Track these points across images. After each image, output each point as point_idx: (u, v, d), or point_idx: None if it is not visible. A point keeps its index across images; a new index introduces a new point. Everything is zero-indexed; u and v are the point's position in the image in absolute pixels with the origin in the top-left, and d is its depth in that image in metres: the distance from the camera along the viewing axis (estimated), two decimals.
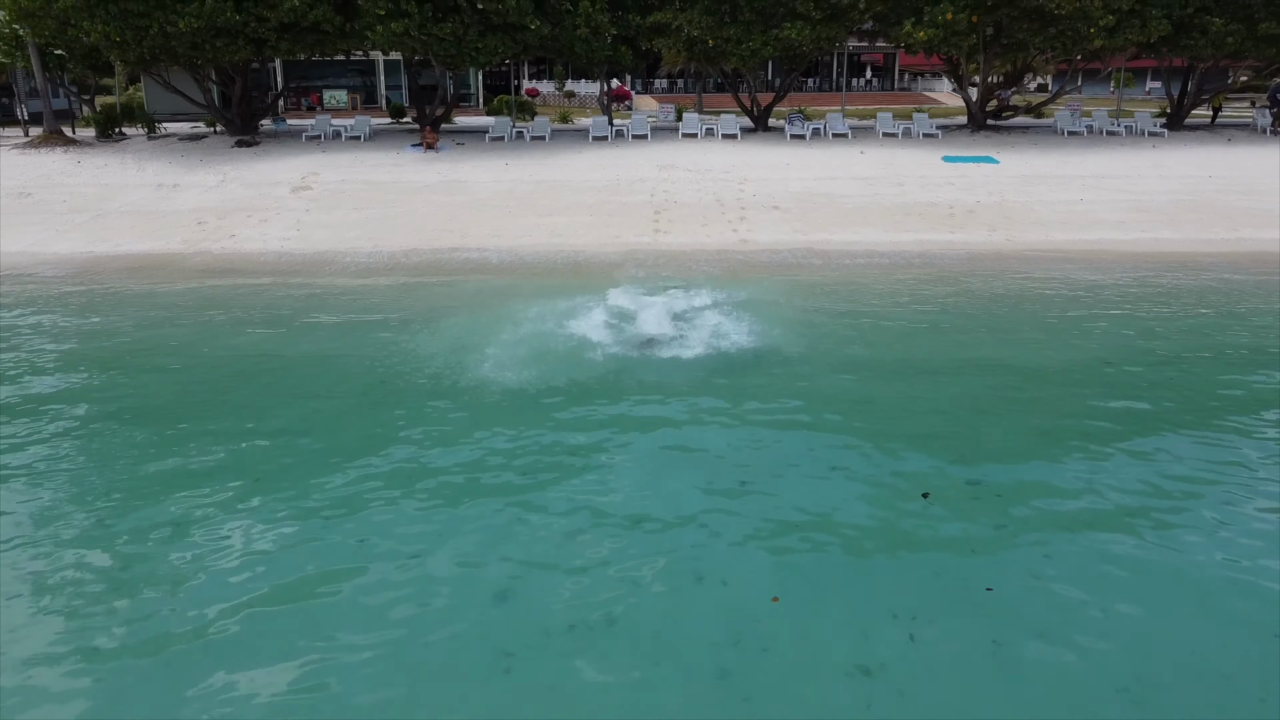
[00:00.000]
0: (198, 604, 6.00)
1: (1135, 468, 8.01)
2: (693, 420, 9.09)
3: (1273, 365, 10.99)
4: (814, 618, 5.90)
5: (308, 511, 7.23)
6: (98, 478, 7.95)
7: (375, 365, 10.83)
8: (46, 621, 5.88)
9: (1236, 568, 6.41)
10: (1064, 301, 14.15)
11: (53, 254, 18.09)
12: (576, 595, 6.11)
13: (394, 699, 5.18)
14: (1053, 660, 5.42)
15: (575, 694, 5.21)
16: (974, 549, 6.67)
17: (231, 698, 5.16)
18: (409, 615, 5.91)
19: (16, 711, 5.06)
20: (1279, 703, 5.05)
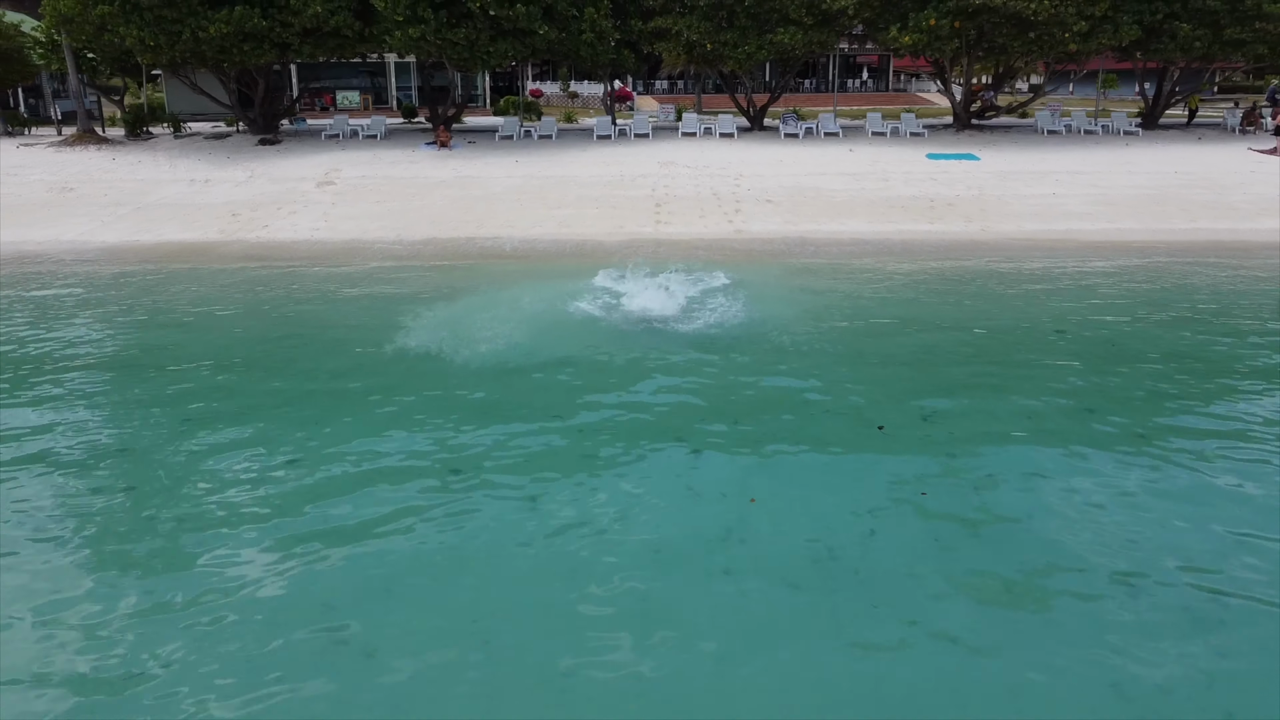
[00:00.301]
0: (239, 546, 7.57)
1: (1067, 403, 9.59)
2: (688, 370, 10.66)
3: (1198, 327, 12.60)
4: (786, 516, 7.43)
5: (355, 455, 8.81)
6: (172, 415, 9.53)
7: (406, 332, 12.41)
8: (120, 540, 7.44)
9: (1134, 466, 7.96)
10: (1025, 280, 15.74)
11: (101, 242, 19.65)
12: (591, 498, 7.66)
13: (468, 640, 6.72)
14: (982, 548, 6.91)
15: (597, 564, 6.73)
16: (920, 466, 8.21)
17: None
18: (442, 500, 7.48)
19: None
20: (1159, 564, 6.59)
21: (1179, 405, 9.71)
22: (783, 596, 6.23)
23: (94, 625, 5.91)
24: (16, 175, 24.98)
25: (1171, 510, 7.32)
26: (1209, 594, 6.17)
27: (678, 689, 5.34)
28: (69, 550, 6.88)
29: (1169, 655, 5.55)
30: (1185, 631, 5.78)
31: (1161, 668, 5.44)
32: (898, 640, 5.75)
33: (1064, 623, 5.90)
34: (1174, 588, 6.26)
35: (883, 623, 5.92)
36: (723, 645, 5.69)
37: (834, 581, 6.40)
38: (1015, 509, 7.40)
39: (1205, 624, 5.85)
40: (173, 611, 6.04)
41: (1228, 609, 6.00)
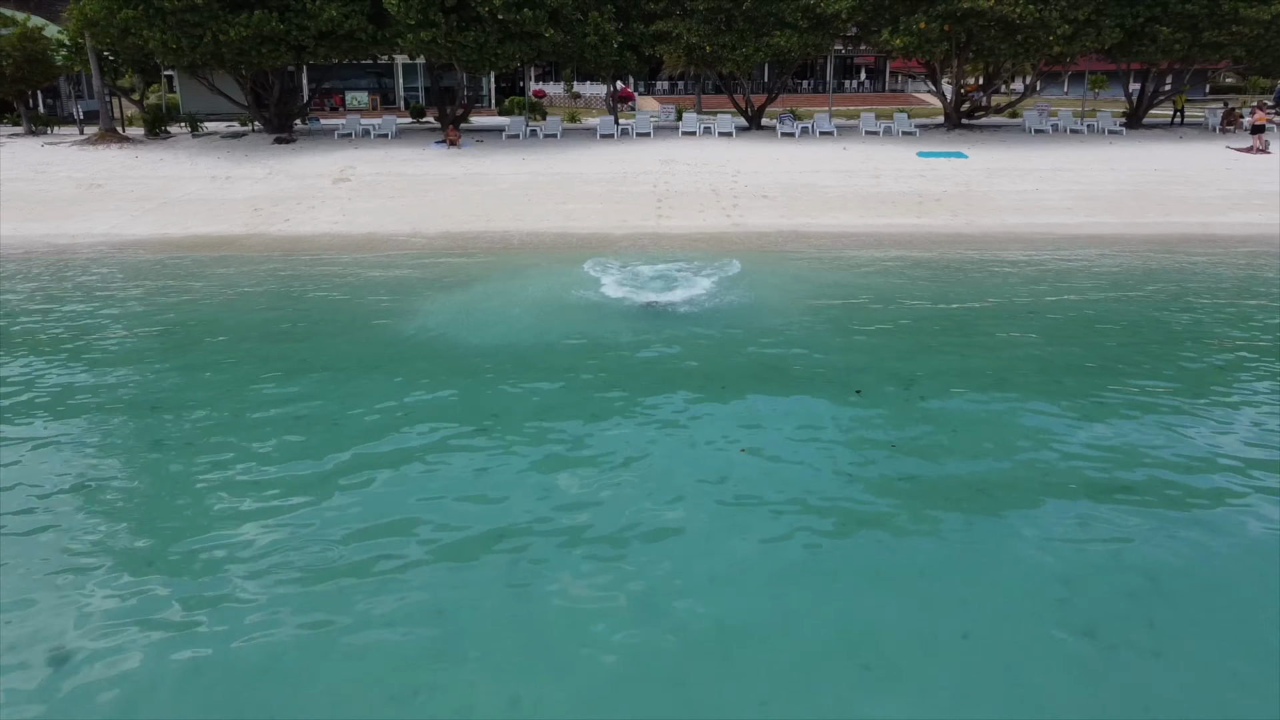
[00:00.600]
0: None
1: (1030, 370, 10.72)
2: (685, 342, 11.80)
3: (1156, 307, 13.74)
4: (772, 463, 8.54)
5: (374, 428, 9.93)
6: (207, 383, 10.66)
7: (428, 312, 13.54)
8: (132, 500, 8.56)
9: (1088, 417, 9.08)
10: (1003, 268, 16.87)
11: (133, 235, 20.77)
12: (607, 441, 8.77)
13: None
14: (952, 485, 8.02)
15: (610, 497, 7.83)
16: (894, 422, 9.33)
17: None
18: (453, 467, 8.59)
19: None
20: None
21: (1131, 369, 10.85)
22: (768, 524, 7.32)
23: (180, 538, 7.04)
24: (45, 172, 26.11)
25: (1115, 446, 8.47)
26: (1136, 507, 7.30)
27: (680, 583, 6.44)
28: (127, 479, 8.00)
29: (1104, 558, 6.68)
30: (1115, 538, 6.90)
31: (1100, 573, 6.56)
32: (865, 559, 6.87)
33: (1013, 538, 7.01)
34: (1109, 504, 7.37)
35: (853, 546, 7.04)
36: (716, 559, 6.80)
37: (811, 515, 7.49)
38: (977, 455, 8.52)
39: (1126, 528, 6.97)
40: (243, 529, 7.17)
41: (1145, 514, 7.13)
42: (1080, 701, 5.25)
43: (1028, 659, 5.61)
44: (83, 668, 5.56)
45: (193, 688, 5.40)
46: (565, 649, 5.75)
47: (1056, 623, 5.94)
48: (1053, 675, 5.46)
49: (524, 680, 5.47)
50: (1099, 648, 5.67)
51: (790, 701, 5.28)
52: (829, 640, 5.83)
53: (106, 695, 5.34)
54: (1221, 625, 5.95)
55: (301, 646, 5.77)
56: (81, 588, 6.40)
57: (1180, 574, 6.51)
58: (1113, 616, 5.99)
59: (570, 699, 5.31)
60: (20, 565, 6.71)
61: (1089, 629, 5.85)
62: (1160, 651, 5.67)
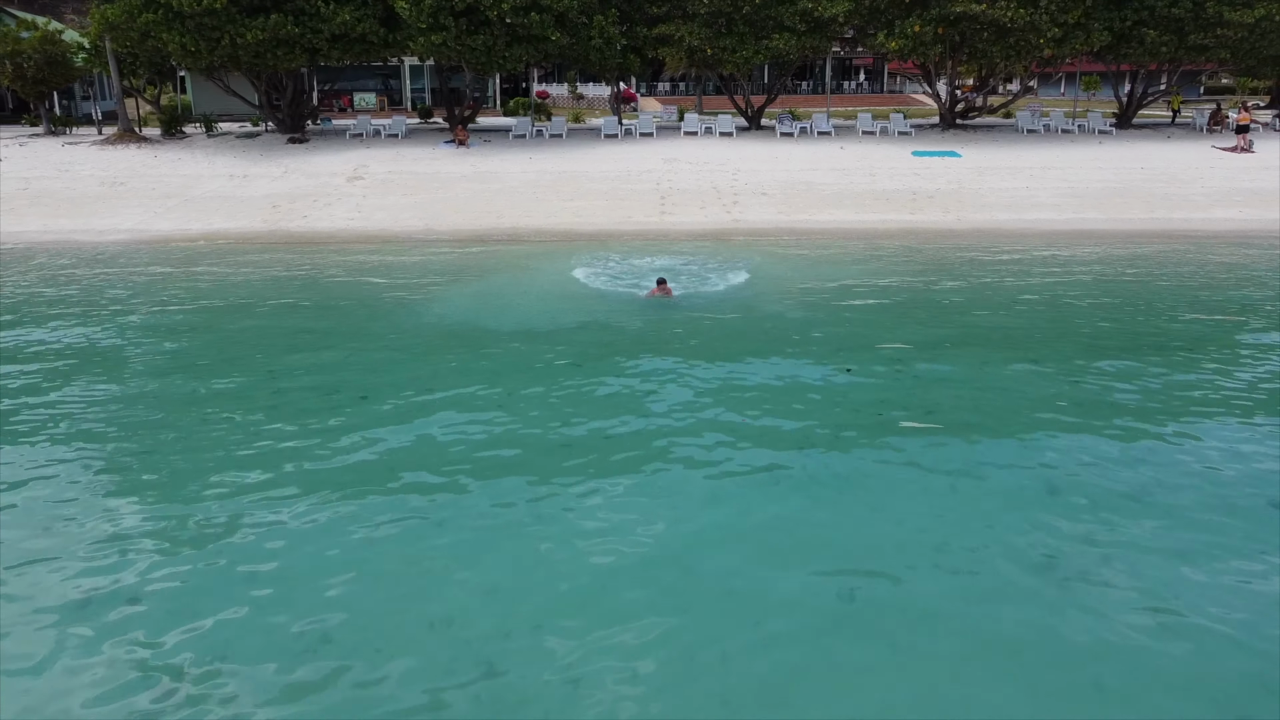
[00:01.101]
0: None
1: (1009, 349, 11.63)
2: (686, 325, 12.70)
3: (1131, 295, 14.67)
4: (770, 424, 9.43)
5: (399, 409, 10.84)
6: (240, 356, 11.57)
7: (448, 300, 14.44)
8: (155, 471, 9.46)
9: (1062, 382, 9.99)
10: (992, 260, 17.81)
11: (157, 230, 21.68)
12: (614, 419, 9.67)
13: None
14: (933, 444, 8.93)
15: (626, 452, 8.73)
16: (880, 393, 10.24)
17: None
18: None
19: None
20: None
21: (1100, 345, 11.77)
22: (767, 480, 8.20)
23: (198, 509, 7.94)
24: (69, 170, 27.01)
25: (1079, 414, 9.39)
26: (1088, 465, 8.21)
27: (691, 521, 7.34)
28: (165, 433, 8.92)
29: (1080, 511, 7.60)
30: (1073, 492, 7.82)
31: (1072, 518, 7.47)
32: (851, 502, 7.77)
33: (986, 487, 7.92)
34: (1069, 461, 8.29)
35: (840, 492, 7.94)
36: (721, 503, 7.70)
37: (805, 472, 8.38)
38: (959, 419, 9.43)
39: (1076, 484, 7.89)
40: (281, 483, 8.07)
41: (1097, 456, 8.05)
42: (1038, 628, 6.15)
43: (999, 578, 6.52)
44: (161, 603, 6.47)
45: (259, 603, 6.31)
46: (579, 567, 6.64)
47: (1022, 551, 6.85)
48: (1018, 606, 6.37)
49: (545, 599, 6.37)
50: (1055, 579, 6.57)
51: (781, 615, 6.18)
52: (813, 553, 6.74)
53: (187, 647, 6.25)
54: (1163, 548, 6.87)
55: (350, 567, 6.68)
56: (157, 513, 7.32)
57: (1126, 498, 7.44)
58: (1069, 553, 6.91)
59: (582, 616, 6.19)
60: (80, 511, 7.62)
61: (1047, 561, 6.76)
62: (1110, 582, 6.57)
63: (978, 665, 5.67)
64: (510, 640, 5.93)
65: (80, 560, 6.82)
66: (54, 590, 6.47)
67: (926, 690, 5.48)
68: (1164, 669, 5.61)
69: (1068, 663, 5.67)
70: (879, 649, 5.82)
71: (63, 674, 5.62)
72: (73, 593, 6.42)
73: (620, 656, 5.73)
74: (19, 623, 6.10)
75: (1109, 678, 5.52)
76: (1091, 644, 5.82)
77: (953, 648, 5.81)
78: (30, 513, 7.56)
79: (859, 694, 5.46)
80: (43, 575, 6.66)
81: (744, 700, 5.39)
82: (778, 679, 5.57)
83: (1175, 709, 5.31)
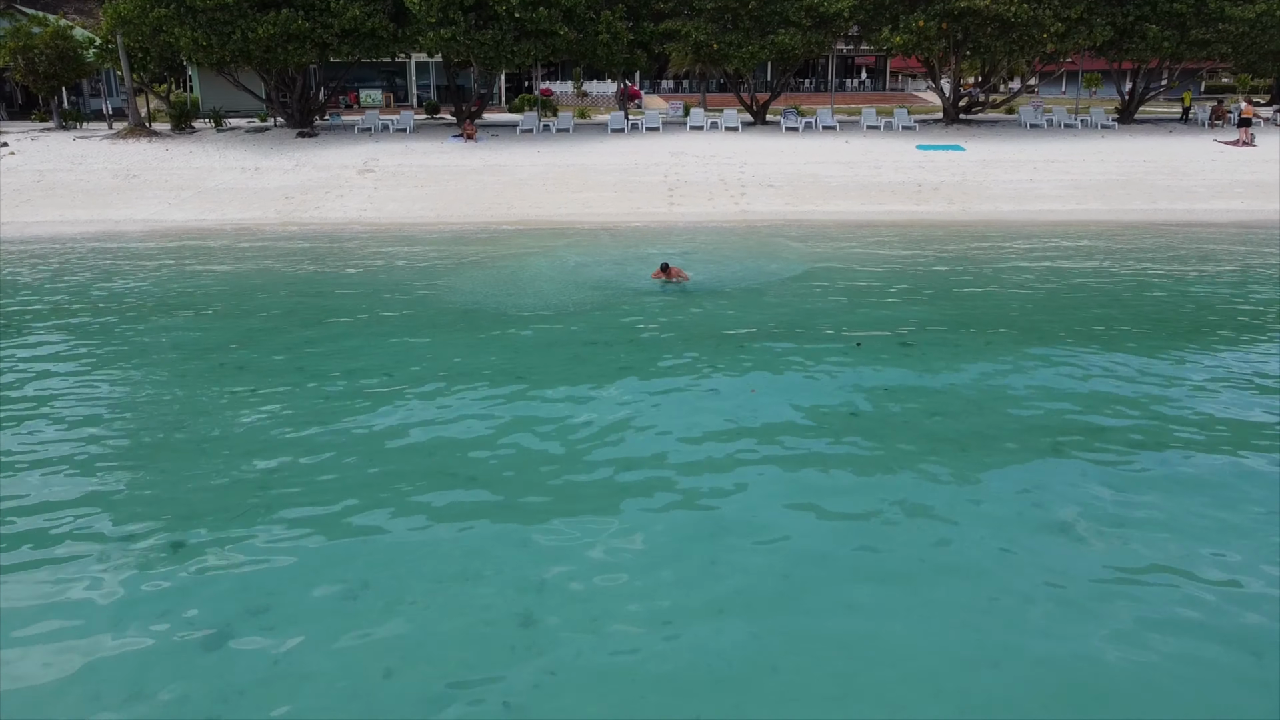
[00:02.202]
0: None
1: (1013, 331, 11.89)
2: (701, 305, 12.98)
3: (1136, 282, 14.93)
4: (780, 401, 9.70)
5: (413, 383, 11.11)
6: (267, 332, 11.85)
7: (464, 284, 14.72)
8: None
9: (1062, 360, 10.26)
10: (996, 249, 18.09)
11: (173, 220, 21.97)
12: (630, 394, 9.95)
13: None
14: (932, 415, 9.22)
15: (641, 431, 9.00)
16: (886, 363, 10.52)
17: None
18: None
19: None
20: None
21: (1102, 329, 12.05)
22: (777, 450, 8.45)
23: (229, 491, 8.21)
24: (82, 164, 27.29)
25: (1079, 391, 9.67)
26: (1091, 432, 8.49)
27: (707, 486, 7.61)
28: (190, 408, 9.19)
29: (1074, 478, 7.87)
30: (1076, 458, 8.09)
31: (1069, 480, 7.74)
32: (866, 471, 8.04)
33: (986, 451, 8.19)
34: (1075, 427, 8.57)
35: (851, 461, 8.21)
36: (737, 473, 7.98)
37: (818, 441, 8.65)
38: (963, 393, 9.71)
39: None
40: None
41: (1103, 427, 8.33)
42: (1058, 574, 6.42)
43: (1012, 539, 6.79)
44: (207, 549, 6.74)
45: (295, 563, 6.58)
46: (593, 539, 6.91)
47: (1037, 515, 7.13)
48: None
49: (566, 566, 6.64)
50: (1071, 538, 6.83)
51: (792, 593, 6.45)
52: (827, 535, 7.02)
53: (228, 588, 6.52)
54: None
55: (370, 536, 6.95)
56: (193, 478, 7.60)
57: (1137, 478, 7.71)
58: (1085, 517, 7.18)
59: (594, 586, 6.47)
60: (115, 486, 7.89)
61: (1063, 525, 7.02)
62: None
63: (993, 613, 5.93)
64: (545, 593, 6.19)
65: (107, 532, 7.03)
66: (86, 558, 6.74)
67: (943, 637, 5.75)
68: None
69: (1092, 608, 5.94)
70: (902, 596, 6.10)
71: (103, 629, 5.89)
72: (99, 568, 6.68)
73: (647, 600, 6.00)
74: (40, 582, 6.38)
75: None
76: (1104, 594, 6.09)
77: (971, 598, 6.08)
78: (49, 486, 7.83)
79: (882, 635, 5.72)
80: (68, 548, 6.93)
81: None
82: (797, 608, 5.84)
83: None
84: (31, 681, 5.26)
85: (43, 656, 5.47)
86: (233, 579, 6.24)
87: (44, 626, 5.75)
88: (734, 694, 5.15)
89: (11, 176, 25.45)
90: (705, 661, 5.41)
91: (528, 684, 5.23)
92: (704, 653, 5.48)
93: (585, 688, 5.24)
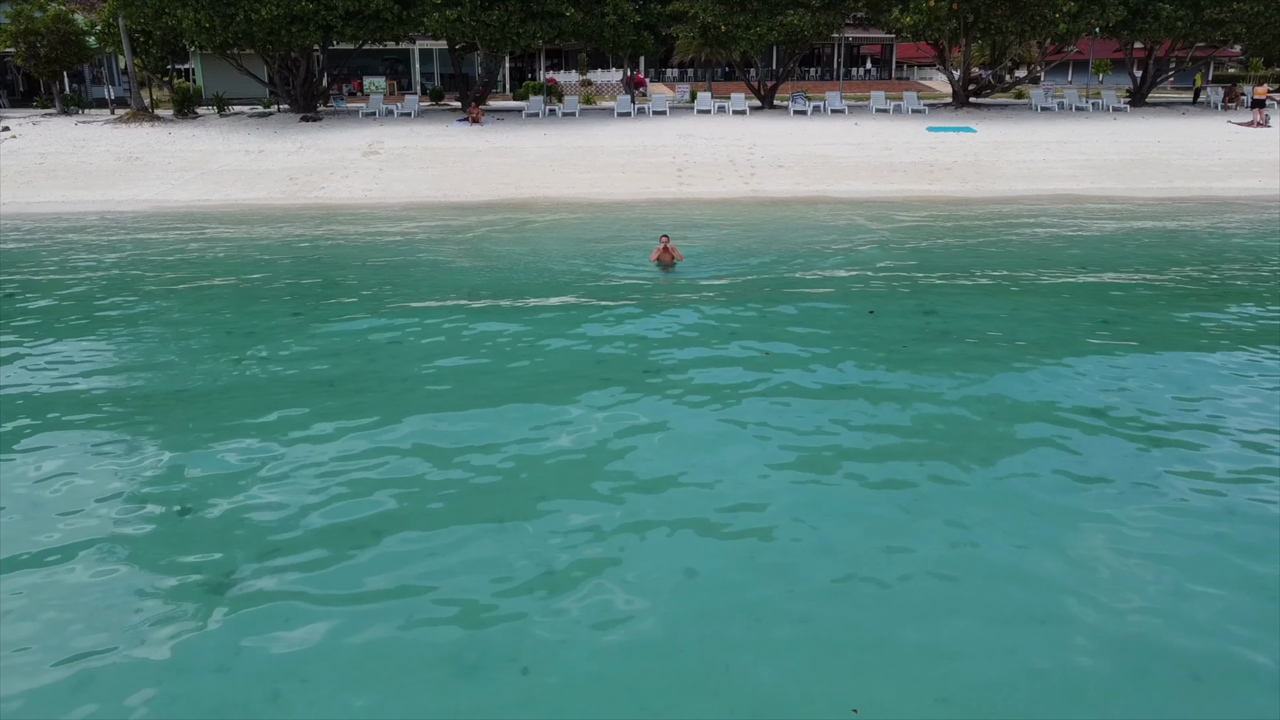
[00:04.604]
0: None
1: (1038, 299, 11.60)
2: (713, 288, 12.70)
3: (1160, 256, 14.65)
4: (795, 361, 9.42)
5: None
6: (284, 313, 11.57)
7: (474, 260, 14.44)
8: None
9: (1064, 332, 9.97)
10: (1011, 226, 17.81)
11: (177, 201, 21.69)
12: (659, 368, 9.67)
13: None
14: (945, 384, 8.94)
15: (665, 396, 8.72)
16: (898, 328, 10.26)
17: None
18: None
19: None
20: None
21: (1112, 295, 11.77)
22: (791, 408, 8.17)
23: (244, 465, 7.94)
24: (84, 147, 27.01)
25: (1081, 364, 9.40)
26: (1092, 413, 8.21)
27: (721, 438, 7.33)
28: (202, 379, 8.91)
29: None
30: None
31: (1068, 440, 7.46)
32: (870, 425, 7.77)
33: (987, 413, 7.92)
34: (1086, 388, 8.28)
35: (857, 414, 7.93)
36: (750, 430, 7.69)
37: (830, 398, 8.36)
38: (973, 357, 9.43)
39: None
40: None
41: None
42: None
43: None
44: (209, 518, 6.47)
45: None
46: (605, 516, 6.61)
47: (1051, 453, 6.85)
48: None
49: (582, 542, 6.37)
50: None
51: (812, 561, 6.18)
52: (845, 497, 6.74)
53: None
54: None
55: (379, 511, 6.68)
56: (216, 447, 7.32)
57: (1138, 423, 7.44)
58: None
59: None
60: (124, 469, 7.62)
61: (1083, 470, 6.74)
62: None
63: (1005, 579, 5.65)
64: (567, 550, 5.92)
65: (118, 506, 6.77)
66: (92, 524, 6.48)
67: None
68: None
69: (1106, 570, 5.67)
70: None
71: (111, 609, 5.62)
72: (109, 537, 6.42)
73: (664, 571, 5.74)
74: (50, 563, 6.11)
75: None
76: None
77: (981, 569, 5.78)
78: (63, 463, 7.57)
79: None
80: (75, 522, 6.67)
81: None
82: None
83: None
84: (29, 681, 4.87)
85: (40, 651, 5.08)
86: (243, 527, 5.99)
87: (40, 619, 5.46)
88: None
89: (13, 159, 25.18)
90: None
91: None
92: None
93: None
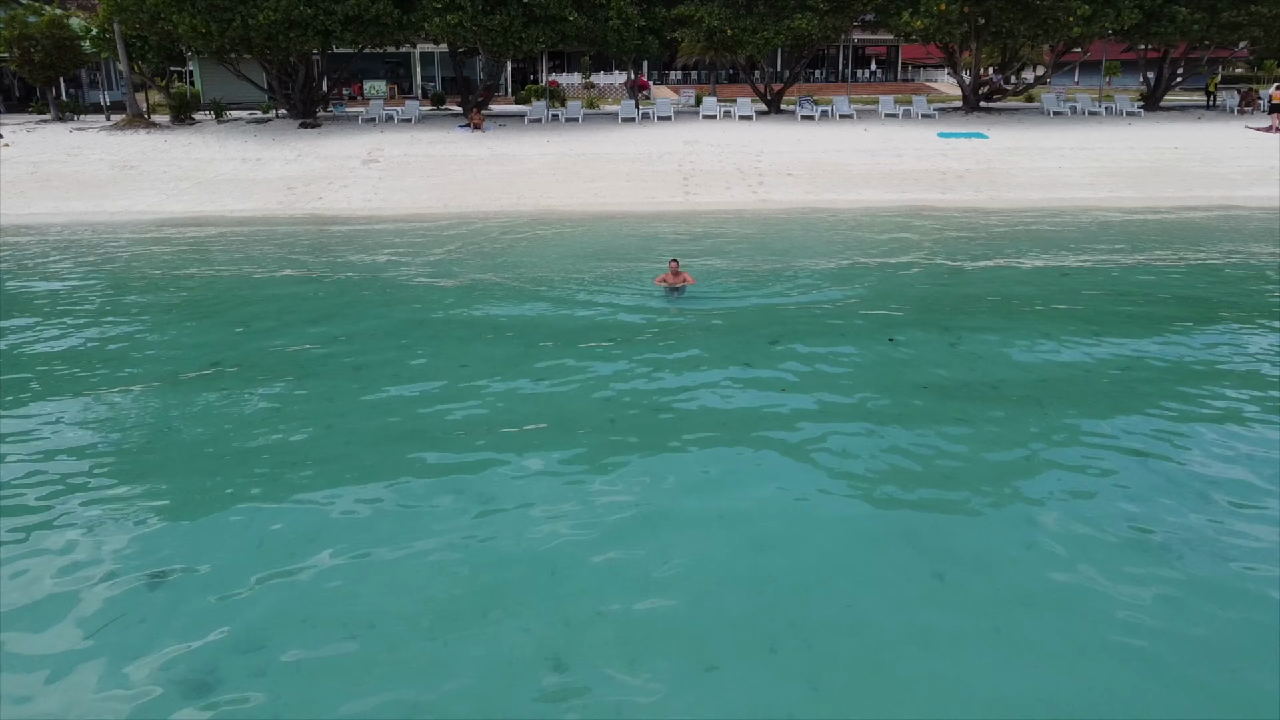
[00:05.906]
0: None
1: (1068, 324, 11.06)
2: (724, 314, 12.16)
3: (1199, 271, 14.09)
4: (814, 383, 8.89)
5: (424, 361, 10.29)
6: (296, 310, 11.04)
7: (479, 270, 13.91)
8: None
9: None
10: (1030, 237, 17.23)
11: (170, 211, 21.18)
12: (670, 378, 9.13)
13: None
14: (962, 383, 8.40)
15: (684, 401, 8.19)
16: (921, 360, 9.70)
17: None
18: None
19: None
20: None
21: (1142, 315, 11.23)
22: (808, 449, 7.62)
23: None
24: (78, 155, 26.51)
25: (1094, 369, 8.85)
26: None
27: (744, 431, 6.80)
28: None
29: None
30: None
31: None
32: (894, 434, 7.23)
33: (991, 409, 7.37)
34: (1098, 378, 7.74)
35: (880, 453, 7.39)
36: (778, 429, 7.16)
37: (850, 435, 7.81)
38: (995, 373, 8.89)
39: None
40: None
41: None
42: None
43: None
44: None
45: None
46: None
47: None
48: None
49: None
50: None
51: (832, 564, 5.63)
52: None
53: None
54: None
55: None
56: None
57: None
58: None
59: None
60: (122, 466, 7.09)
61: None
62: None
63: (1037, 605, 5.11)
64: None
65: (111, 525, 6.30)
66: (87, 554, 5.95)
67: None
68: None
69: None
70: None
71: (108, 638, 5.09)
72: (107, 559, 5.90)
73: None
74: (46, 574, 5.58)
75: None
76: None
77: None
78: (55, 476, 7.05)
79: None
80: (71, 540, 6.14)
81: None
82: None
83: None
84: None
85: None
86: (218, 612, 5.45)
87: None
88: None
89: (5, 169, 24.67)
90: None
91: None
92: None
93: None
